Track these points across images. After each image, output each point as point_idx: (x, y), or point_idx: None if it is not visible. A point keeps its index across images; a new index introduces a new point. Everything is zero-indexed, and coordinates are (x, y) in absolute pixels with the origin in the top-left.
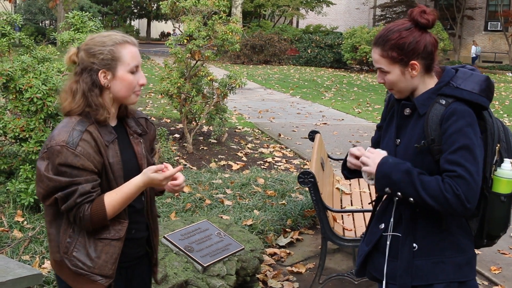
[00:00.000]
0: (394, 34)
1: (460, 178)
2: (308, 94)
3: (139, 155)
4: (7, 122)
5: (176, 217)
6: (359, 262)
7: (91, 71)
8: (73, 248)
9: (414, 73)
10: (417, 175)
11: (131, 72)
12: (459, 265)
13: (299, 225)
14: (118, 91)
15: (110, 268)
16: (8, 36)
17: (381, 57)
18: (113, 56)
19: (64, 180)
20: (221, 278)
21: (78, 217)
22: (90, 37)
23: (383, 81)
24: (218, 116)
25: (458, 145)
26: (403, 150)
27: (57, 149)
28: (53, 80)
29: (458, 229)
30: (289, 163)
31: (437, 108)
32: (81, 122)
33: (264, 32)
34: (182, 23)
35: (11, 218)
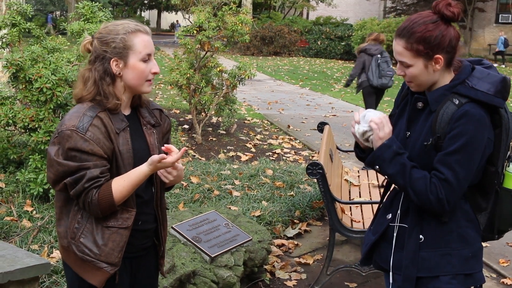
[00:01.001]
0: (420, 26)
1: (446, 182)
2: (317, 86)
3: (151, 145)
4: (16, 112)
5: (184, 208)
6: (365, 251)
7: (103, 59)
8: (81, 234)
9: (438, 67)
10: (410, 170)
11: (143, 61)
12: (466, 257)
13: (307, 217)
14: (130, 80)
15: (116, 256)
16: (18, 26)
17: (405, 50)
18: (125, 44)
19: (73, 164)
20: (228, 269)
21: (86, 203)
22: (103, 25)
23: (403, 73)
24: (227, 107)
25: (457, 147)
26: (412, 143)
27: (67, 134)
28: (63, 70)
29: (466, 222)
30: (298, 155)
31: (449, 107)
32: (92, 108)
33: (274, 24)
34: (192, 14)
35: (20, 208)
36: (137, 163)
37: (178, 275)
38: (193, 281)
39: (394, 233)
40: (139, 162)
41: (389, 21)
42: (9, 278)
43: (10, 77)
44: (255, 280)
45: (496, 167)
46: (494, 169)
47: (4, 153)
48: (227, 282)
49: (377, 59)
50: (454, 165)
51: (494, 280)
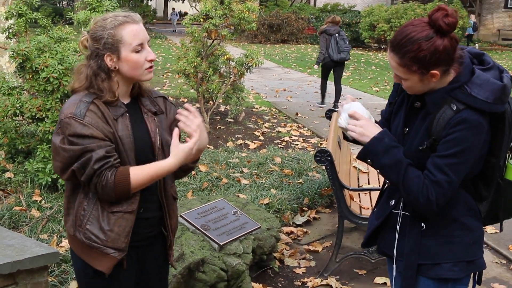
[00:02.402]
0: (414, 45)
1: (437, 185)
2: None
3: (152, 132)
4: (24, 102)
5: (192, 196)
6: (367, 235)
7: (97, 56)
8: (87, 221)
9: (434, 80)
10: (405, 168)
11: (135, 52)
12: (467, 244)
13: (316, 204)
14: (127, 72)
15: (122, 241)
16: (25, 16)
17: (399, 66)
18: (114, 38)
19: (77, 148)
20: (237, 257)
21: (100, 185)
22: (93, 21)
23: (399, 82)
24: (235, 95)
25: (452, 152)
26: (410, 140)
27: (66, 121)
28: (69, 60)
29: (467, 211)
30: (306, 142)
31: (446, 112)
32: (88, 95)
33: (281, 11)
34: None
35: (29, 198)
36: (139, 149)
37: (187, 263)
38: (202, 269)
39: (398, 221)
40: (140, 148)
41: (397, 7)
42: (18, 267)
43: (17, 67)
44: (264, 267)
45: (497, 160)
46: (495, 160)
47: (12, 143)
48: (236, 270)
49: (336, 38)
50: (447, 169)
51: (504, 266)
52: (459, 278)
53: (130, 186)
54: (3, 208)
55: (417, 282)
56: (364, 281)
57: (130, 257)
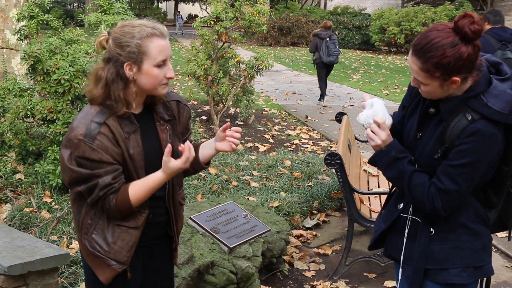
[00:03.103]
0: (438, 50)
1: (444, 193)
2: (335, 76)
3: (163, 142)
4: (35, 103)
5: (202, 199)
6: (374, 238)
7: (117, 61)
8: (93, 230)
9: (454, 87)
10: (409, 177)
11: (157, 66)
12: (475, 250)
13: (325, 207)
14: (144, 85)
15: (124, 255)
16: (36, 18)
17: (421, 70)
18: (140, 50)
19: (85, 172)
20: (247, 260)
21: (105, 208)
22: (121, 25)
23: (417, 86)
24: (245, 98)
25: (464, 162)
26: (423, 145)
27: (75, 142)
28: (80, 62)
29: (476, 218)
30: (316, 145)
31: (461, 121)
32: (100, 114)
33: (291, 14)
34: (210, 4)
35: (39, 199)
36: (148, 164)
37: (196, 266)
38: (211, 271)
39: (407, 225)
40: (150, 162)
41: (408, 10)
42: (29, 268)
43: (28, 69)
44: (274, 270)
45: (510, 168)
46: (507, 169)
47: (23, 144)
48: (245, 272)
49: (327, 42)
50: (457, 178)
51: None
52: (466, 283)
53: (131, 204)
54: (14, 210)
55: (425, 286)
56: (373, 284)
57: (136, 256)
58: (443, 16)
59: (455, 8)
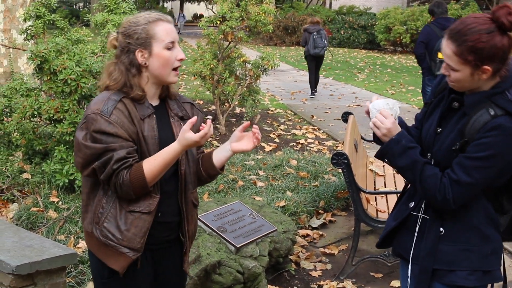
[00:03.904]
0: (474, 35)
1: (457, 184)
2: (341, 76)
3: (177, 136)
4: (42, 103)
5: (209, 198)
6: (383, 235)
7: (128, 51)
8: (104, 219)
9: (484, 77)
10: (421, 167)
11: (167, 49)
12: (485, 254)
13: (331, 207)
14: (156, 69)
15: (138, 242)
16: (43, 18)
17: (454, 55)
18: (147, 34)
19: (99, 146)
20: (254, 259)
21: (118, 184)
22: (126, 19)
23: (448, 74)
24: (251, 98)
25: (481, 156)
26: (442, 140)
27: (92, 117)
28: (87, 62)
29: (487, 220)
30: (322, 145)
31: (483, 115)
32: (117, 93)
33: (297, 13)
34: (215, 4)
35: (46, 199)
36: None
37: (203, 265)
38: (218, 271)
39: (417, 224)
40: None
41: (413, 9)
42: (37, 267)
43: (35, 68)
44: (280, 270)
45: None
46: None
47: (30, 144)
48: (252, 272)
49: (314, 36)
50: (472, 171)
51: None
52: (474, 287)
53: (146, 180)
54: (21, 209)
55: (431, 287)
56: (380, 284)
57: (145, 259)
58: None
59: (461, 8)
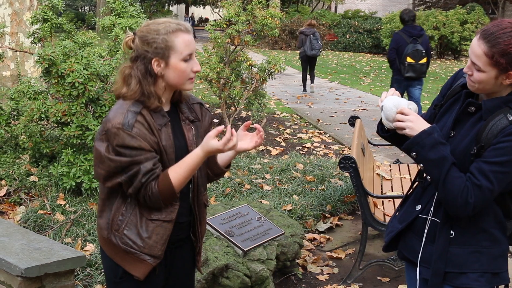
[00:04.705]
0: (509, 39)
1: (479, 189)
2: (346, 80)
3: (189, 141)
4: (49, 106)
5: (215, 202)
6: (389, 239)
7: (144, 59)
8: (125, 226)
9: (507, 82)
10: (449, 166)
11: (184, 60)
12: (494, 256)
13: (338, 211)
14: (172, 79)
15: (159, 249)
16: (50, 21)
17: (484, 55)
18: (166, 45)
19: (125, 159)
20: (261, 263)
21: (147, 196)
22: (146, 23)
23: (471, 73)
24: (257, 101)
25: (500, 160)
26: (455, 144)
27: (114, 132)
28: (95, 65)
29: (496, 224)
30: (328, 149)
31: (501, 120)
32: (135, 104)
33: (302, 17)
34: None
35: (53, 201)
36: (178, 158)
37: (211, 269)
38: (226, 274)
39: (426, 226)
40: (179, 158)
41: (419, 14)
42: (45, 270)
43: (43, 72)
44: (288, 274)
45: None
46: None
47: (37, 147)
48: (259, 275)
49: (310, 38)
50: (491, 176)
51: None
52: None
53: (174, 188)
54: (28, 212)
55: None
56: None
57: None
58: (454, 20)
59: (467, 12)
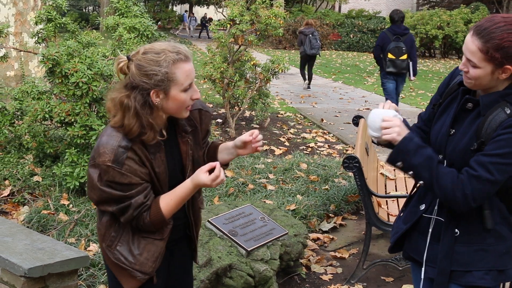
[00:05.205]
0: (503, 33)
1: (476, 180)
2: (350, 79)
3: (184, 154)
4: (53, 106)
5: (219, 201)
6: (394, 239)
7: (142, 89)
8: (117, 243)
9: (503, 76)
10: (437, 164)
11: (184, 91)
12: (500, 253)
13: (342, 211)
14: (170, 109)
15: (150, 266)
16: (54, 21)
17: (479, 51)
18: (168, 78)
19: (116, 193)
20: (265, 263)
21: (139, 225)
22: (143, 51)
23: (467, 70)
24: (261, 101)
25: (499, 152)
26: (456, 141)
27: (104, 168)
28: (98, 65)
29: (501, 219)
30: (331, 148)
31: (499, 114)
32: (126, 139)
33: (306, 17)
34: (226, 7)
35: (57, 201)
36: (171, 177)
37: (214, 269)
38: (229, 274)
39: (430, 226)
40: (173, 175)
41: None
42: (49, 270)
43: (47, 71)
44: (291, 274)
45: None
46: None
47: (41, 147)
48: (263, 275)
49: (309, 37)
50: (491, 167)
51: None
52: (490, 287)
53: (165, 217)
54: (32, 212)
55: None
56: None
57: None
58: (459, 19)
59: (471, 12)
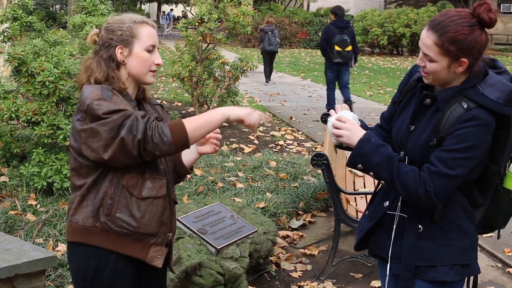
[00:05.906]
0: (456, 27)
1: (437, 176)
2: (319, 77)
3: None
4: (19, 105)
5: (188, 200)
6: (360, 237)
7: (109, 46)
8: (116, 210)
9: (460, 70)
10: (397, 162)
11: (147, 51)
12: (463, 248)
13: (311, 208)
14: (134, 68)
15: (154, 226)
16: (20, 20)
17: (435, 45)
18: (131, 33)
19: (117, 116)
20: (234, 260)
21: (157, 137)
22: (111, 17)
23: (424, 65)
24: (230, 99)
25: (458, 147)
26: (416, 137)
27: (96, 103)
28: (65, 64)
29: (464, 214)
30: (300, 146)
31: (456, 109)
32: (105, 85)
33: (274, 15)
34: (194, 6)
35: (24, 202)
36: None
37: (184, 267)
38: (199, 273)
39: (395, 222)
40: None
41: (390, 11)
42: (16, 271)
43: (13, 71)
44: (261, 271)
45: (498, 167)
46: (496, 167)
47: (7, 147)
48: (233, 273)
49: (269, 35)
50: (451, 162)
51: (499, 269)
52: (454, 281)
53: (187, 132)
54: None
55: (413, 284)
56: (360, 284)
57: (130, 261)
58: (426, 18)
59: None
